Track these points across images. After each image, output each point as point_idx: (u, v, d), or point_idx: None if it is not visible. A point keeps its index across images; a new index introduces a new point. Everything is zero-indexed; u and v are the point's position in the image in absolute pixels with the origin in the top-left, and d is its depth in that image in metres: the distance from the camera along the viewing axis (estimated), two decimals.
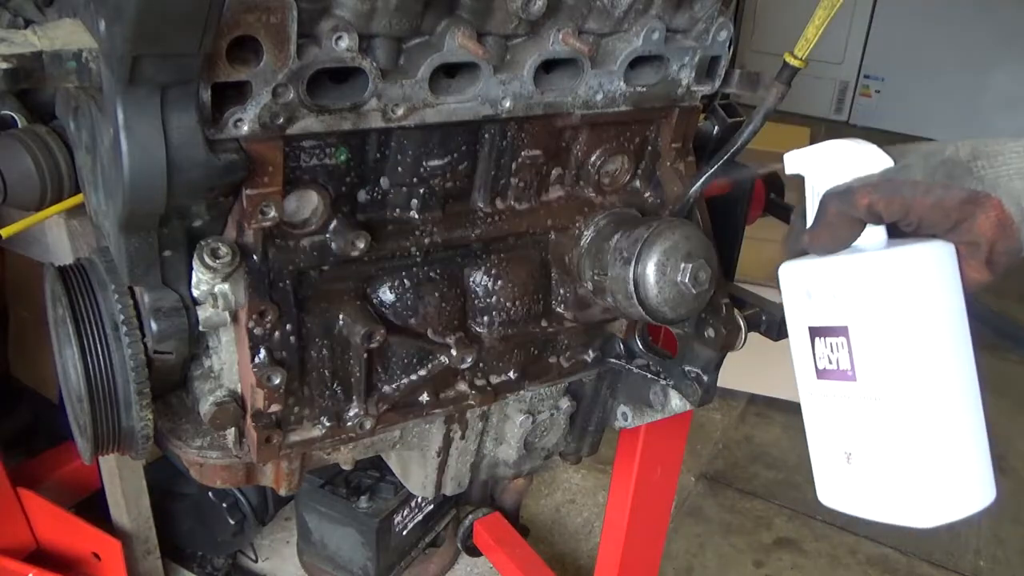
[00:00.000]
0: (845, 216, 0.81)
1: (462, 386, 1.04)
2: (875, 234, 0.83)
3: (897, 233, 0.84)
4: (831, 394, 0.86)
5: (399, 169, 0.91)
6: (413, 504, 2.14)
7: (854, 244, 0.84)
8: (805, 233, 0.85)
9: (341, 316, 0.92)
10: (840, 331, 0.84)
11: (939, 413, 0.81)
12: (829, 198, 0.83)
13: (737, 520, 2.66)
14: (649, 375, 1.15)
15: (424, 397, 1.01)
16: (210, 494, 2.15)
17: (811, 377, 0.87)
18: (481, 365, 1.04)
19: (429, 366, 0.99)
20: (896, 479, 0.82)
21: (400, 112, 0.85)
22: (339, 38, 0.76)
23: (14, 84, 0.68)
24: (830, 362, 0.85)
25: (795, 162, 0.88)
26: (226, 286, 0.84)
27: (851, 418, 0.84)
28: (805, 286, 0.87)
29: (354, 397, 0.96)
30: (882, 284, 0.81)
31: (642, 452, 1.47)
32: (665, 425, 1.34)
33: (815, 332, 0.86)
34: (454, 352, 0.98)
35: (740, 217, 1.32)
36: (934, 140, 0.83)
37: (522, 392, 1.11)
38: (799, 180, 0.90)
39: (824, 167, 0.84)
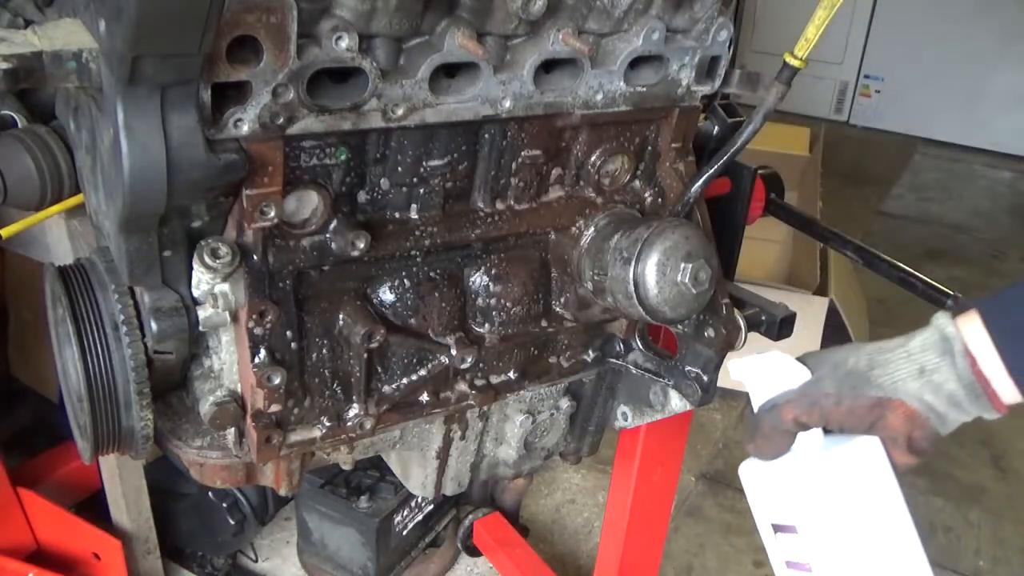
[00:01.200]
0: (777, 429, 0.92)
1: (462, 386, 1.04)
2: (812, 435, 0.92)
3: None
4: None
5: (399, 169, 0.91)
6: (413, 504, 2.14)
7: (795, 447, 0.93)
8: (749, 442, 0.96)
9: (341, 316, 0.92)
10: (791, 528, 0.94)
11: None
12: (761, 414, 0.94)
13: (737, 520, 2.65)
14: (649, 375, 1.15)
15: (424, 397, 1.01)
16: (210, 494, 2.15)
17: (783, 567, 0.98)
18: (481, 365, 1.04)
19: (429, 366, 0.99)
20: None
21: (400, 112, 0.85)
22: (339, 38, 0.76)
23: (14, 84, 0.68)
24: (791, 555, 0.95)
25: (737, 371, 0.99)
26: (226, 286, 0.84)
27: None
28: (760, 487, 0.98)
29: (354, 397, 0.96)
30: (819, 485, 0.92)
31: (642, 452, 1.47)
32: (665, 425, 1.34)
33: (775, 527, 0.97)
34: (454, 352, 0.99)
35: (740, 217, 1.33)
36: (844, 346, 0.93)
37: (522, 392, 1.11)
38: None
39: (758, 379, 0.95)
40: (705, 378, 1.11)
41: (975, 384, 0.83)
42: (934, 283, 1.28)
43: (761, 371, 0.95)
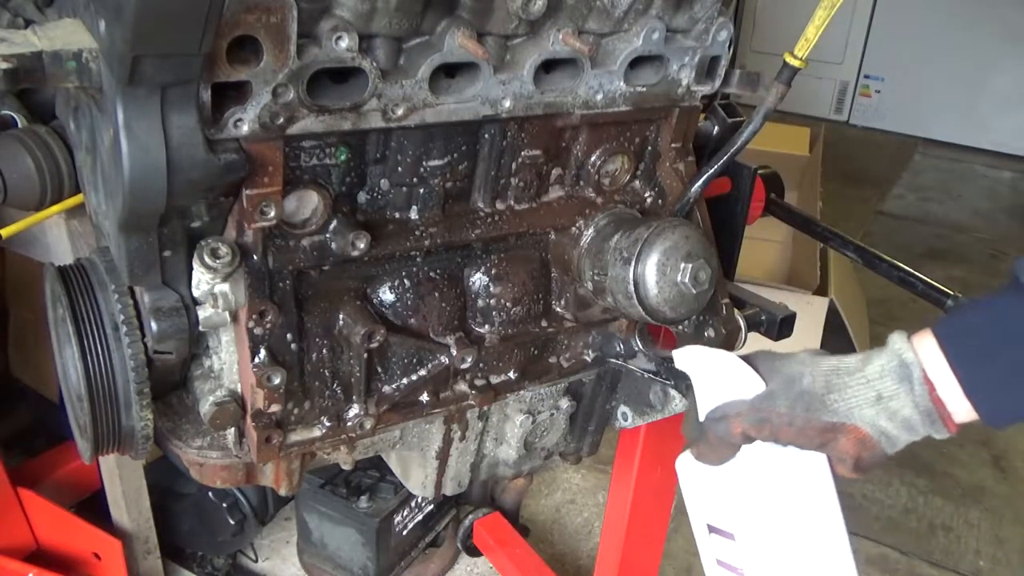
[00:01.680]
0: (724, 441, 0.92)
1: (462, 386, 1.04)
2: (757, 443, 0.92)
3: None
4: None
5: (399, 169, 0.91)
6: (413, 504, 2.14)
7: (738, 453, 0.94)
8: (693, 447, 0.97)
9: (341, 316, 0.92)
10: (728, 535, 0.95)
11: None
12: (709, 424, 0.93)
13: None
14: (649, 375, 1.15)
15: (424, 397, 1.01)
16: (210, 494, 2.15)
17: (713, 563, 0.99)
18: (481, 365, 1.04)
19: (429, 366, 0.99)
20: None
21: (400, 112, 0.85)
22: (339, 38, 0.76)
23: (14, 84, 0.68)
24: (724, 556, 0.97)
25: (683, 360, 0.98)
26: (226, 286, 0.84)
27: None
28: (698, 486, 0.98)
29: (354, 397, 0.96)
30: (761, 497, 0.93)
31: (642, 452, 1.47)
32: (665, 425, 1.34)
33: (711, 528, 0.98)
34: (454, 352, 0.99)
35: (740, 217, 1.33)
36: (799, 354, 0.92)
37: (522, 392, 1.11)
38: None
39: (705, 375, 0.94)
40: None
41: (932, 410, 0.84)
42: (934, 283, 1.29)
43: (710, 368, 0.94)
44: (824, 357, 0.90)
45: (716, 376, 0.93)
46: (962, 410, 0.84)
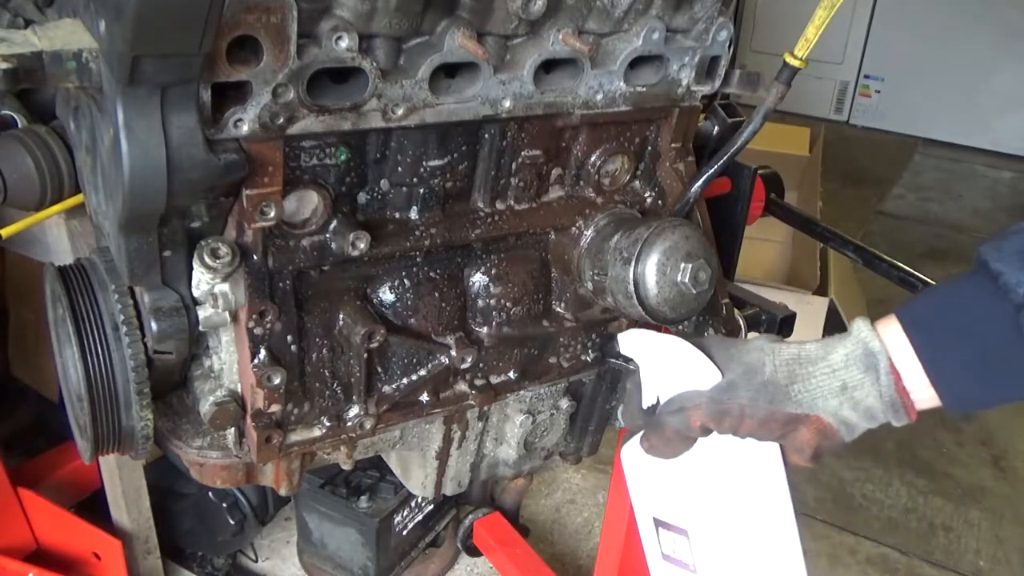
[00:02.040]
0: (681, 435, 0.90)
1: (462, 386, 1.04)
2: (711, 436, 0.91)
3: None
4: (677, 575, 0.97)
5: (399, 169, 0.91)
6: (413, 504, 2.14)
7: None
8: (644, 439, 0.94)
9: (341, 316, 0.92)
10: (680, 531, 0.94)
11: None
12: (666, 417, 0.90)
13: None
14: None
15: (424, 397, 1.01)
16: (210, 494, 2.15)
17: (657, 557, 0.97)
18: (481, 365, 1.04)
19: (429, 366, 0.99)
20: None
21: (400, 112, 0.85)
22: (339, 38, 0.76)
23: (14, 84, 0.68)
24: (673, 551, 0.95)
25: (630, 345, 0.95)
26: (226, 286, 0.84)
27: None
28: (646, 478, 0.96)
29: (354, 397, 0.96)
30: (716, 493, 0.92)
31: None
32: None
33: (659, 522, 0.96)
34: (454, 352, 0.99)
35: (740, 217, 1.33)
36: (760, 342, 0.90)
37: (522, 392, 1.11)
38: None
39: (655, 364, 0.92)
40: None
41: (896, 400, 0.83)
42: (934, 283, 1.29)
43: (660, 355, 0.91)
44: (783, 344, 0.88)
45: (667, 364, 0.90)
46: (925, 398, 0.83)
